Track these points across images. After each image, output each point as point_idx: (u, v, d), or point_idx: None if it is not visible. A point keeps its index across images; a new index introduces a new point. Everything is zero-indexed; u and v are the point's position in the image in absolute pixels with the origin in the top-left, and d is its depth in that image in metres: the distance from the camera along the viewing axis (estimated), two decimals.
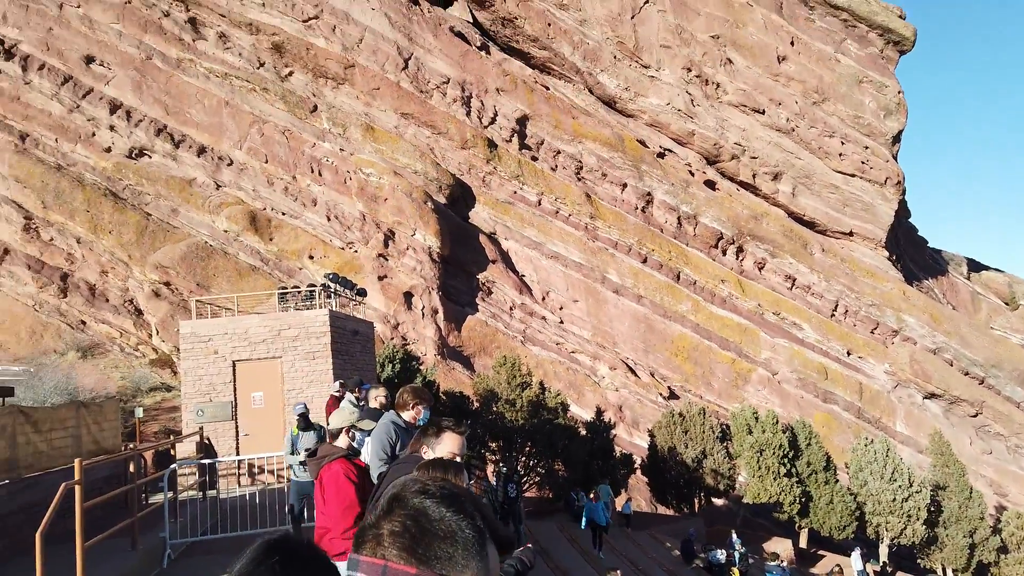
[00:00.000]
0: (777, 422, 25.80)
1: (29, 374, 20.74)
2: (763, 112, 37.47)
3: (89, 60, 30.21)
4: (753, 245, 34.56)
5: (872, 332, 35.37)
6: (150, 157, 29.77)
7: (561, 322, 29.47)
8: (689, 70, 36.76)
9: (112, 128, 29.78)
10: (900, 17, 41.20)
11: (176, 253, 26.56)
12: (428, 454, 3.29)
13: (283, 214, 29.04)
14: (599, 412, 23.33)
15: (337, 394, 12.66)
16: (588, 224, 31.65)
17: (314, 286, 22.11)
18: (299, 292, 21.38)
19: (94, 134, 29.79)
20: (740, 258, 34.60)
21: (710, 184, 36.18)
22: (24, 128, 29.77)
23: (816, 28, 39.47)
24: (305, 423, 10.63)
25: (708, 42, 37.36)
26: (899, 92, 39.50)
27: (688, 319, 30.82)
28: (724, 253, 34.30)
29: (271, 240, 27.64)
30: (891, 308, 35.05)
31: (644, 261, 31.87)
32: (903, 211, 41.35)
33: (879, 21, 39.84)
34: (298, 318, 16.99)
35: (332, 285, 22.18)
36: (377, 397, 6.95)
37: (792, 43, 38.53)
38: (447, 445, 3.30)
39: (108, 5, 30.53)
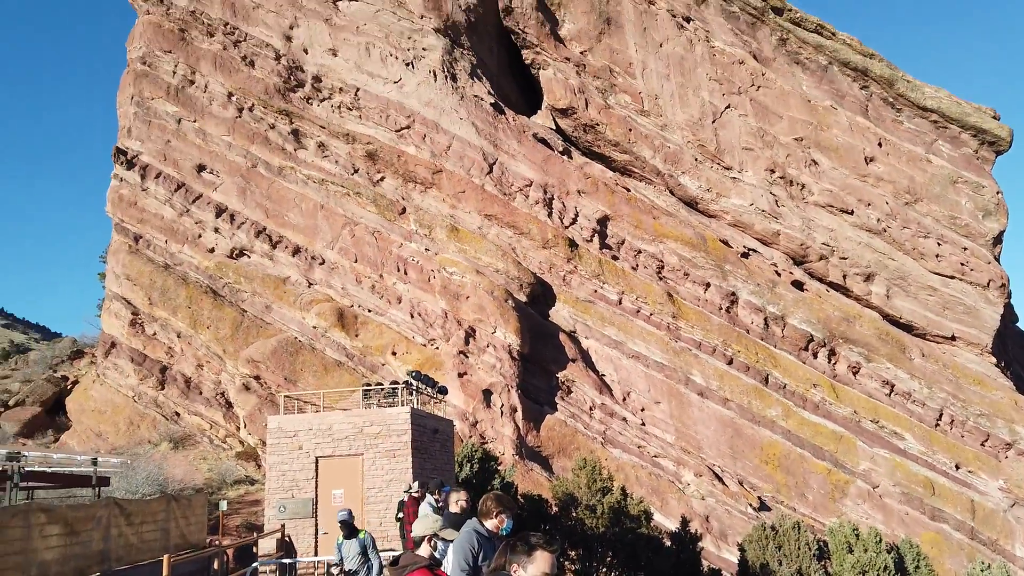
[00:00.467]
0: (880, 540, 23.79)
1: (126, 466, 21.52)
2: (852, 212, 36.68)
3: (200, 168, 32.72)
4: (846, 348, 33.07)
5: (982, 444, 32.72)
6: (249, 257, 31.53)
7: (643, 424, 28.62)
8: (772, 171, 36.65)
9: (216, 230, 31.85)
10: (994, 118, 40.17)
11: (267, 348, 27.59)
12: (520, 574, 3.14)
13: (369, 311, 29.93)
14: (684, 522, 22.16)
15: (416, 495, 12.50)
16: (670, 324, 31.16)
17: (397, 383, 22.35)
18: (382, 389, 21.64)
19: (200, 236, 31.92)
20: (832, 362, 33.10)
21: (797, 285, 35.23)
22: (138, 230, 32.23)
23: (904, 129, 38.89)
24: (348, 530, 10.30)
25: (792, 144, 37.32)
26: (997, 193, 38.05)
27: (778, 424, 29.38)
28: (815, 356, 32.92)
29: (356, 336, 28.41)
30: (1002, 419, 32.47)
31: (730, 363, 30.91)
32: (1010, 315, 38.95)
33: (971, 122, 38.93)
34: (380, 415, 17.13)
35: (414, 382, 22.36)
36: (458, 501, 6.81)
37: (880, 144, 38.01)
38: (540, 565, 3.16)
39: (221, 120, 33.24)
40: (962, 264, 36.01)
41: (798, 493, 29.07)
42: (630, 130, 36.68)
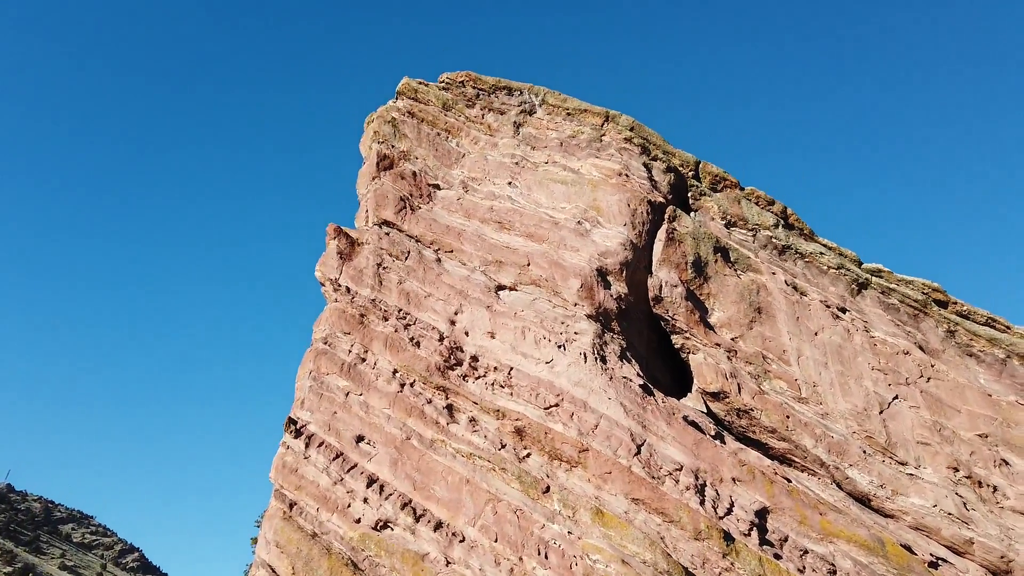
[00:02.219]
0: None
1: None
2: None
3: (359, 439, 34.41)
4: None
5: None
6: (392, 529, 31.43)
7: None
8: (956, 470, 33.05)
9: (365, 500, 32.44)
10: None
11: None
12: None
13: None
14: None
15: None
16: None
17: None
18: None
19: (349, 505, 32.56)
20: None
21: None
22: (295, 497, 33.47)
23: None
24: None
25: (975, 440, 33.98)
26: None
27: None
28: None
29: None
30: None
31: None
32: None
33: None
34: None
35: None
36: None
37: None
38: None
39: (383, 394, 35.57)
40: None
41: None
42: (787, 416, 35.12)
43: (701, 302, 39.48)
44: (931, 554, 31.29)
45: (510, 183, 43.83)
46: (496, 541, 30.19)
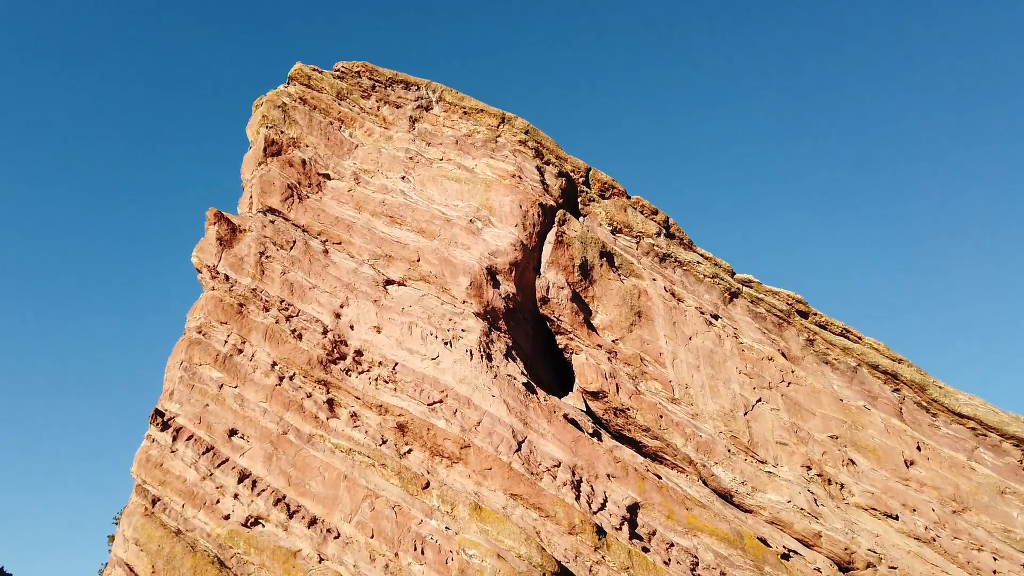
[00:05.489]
0: None
1: None
2: (896, 518, 34.75)
3: (232, 433, 33.05)
4: None
5: None
6: (263, 526, 30.38)
7: None
8: (809, 468, 35.61)
9: (236, 496, 31.19)
10: None
11: None
12: None
13: None
14: None
15: None
16: None
17: None
18: None
19: (218, 501, 31.20)
20: None
21: None
22: (158, 492, 31.70)
23: (942, 434, 38.26)
24: None
25: (827, 442, 36.72)
26: None
27: None
28: None
29: None
30: None
31: None
32: None
33: (1011, 431, 38.24)
34: None
35: None
36: None
37: (919, 448, 37.19)
38: None
39: (261, 387, 34.33)
40: None
41: None
42: (661, 416, 36.71)
43: (586, 304, 40.65)
44: (784, 546, 33.56)
45: (403, 178, 43.46)
46: (372, 537, 29.81)
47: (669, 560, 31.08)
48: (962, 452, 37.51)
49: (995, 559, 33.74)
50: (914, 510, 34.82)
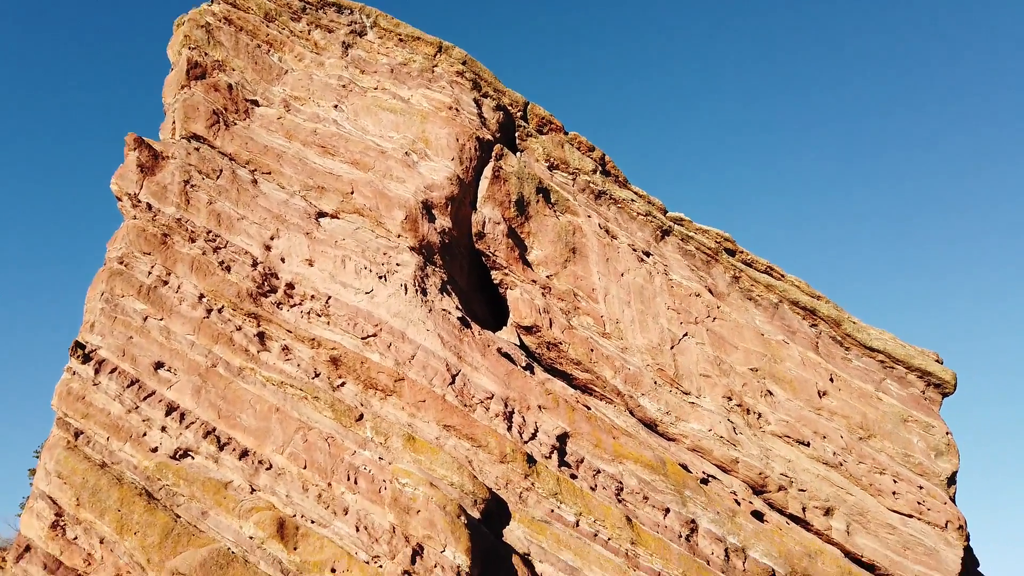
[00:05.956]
0: None
1: None
2: (808, 444, 36.95)
3: (158, 366, 32.40)
4: None
5: None
6: (193, 458, 30.21)
7: None
8: (730, 399, 37.33)
9: (164, 428, 30.81)
10: (937, 361, 42.11)
11: (196, 559, 25.48)
12: None
13: (312, 522, 28.21)
14: None
15: None
16: (629, 550, 29.71)
17: None
18: None
19: (145, 434, 30.77)
20: None
21: (757, 515, 34.38)
22: (81, 426, 31.02)
23: (854, 367, 40.51)
24: None
25: (747, 374, 38.45)
26: (947, 433, 38.85)
27: None
28: None
29: (295, 549, 26.49)
30: None
31: None
32: (971, 560, 37.90)
33: (916, 364, 40.73)
34: None
35: None
36: None
37: (831, 379, 39.33)
38: None
39: (187, 319, 33.57)
40: (919, 503, 35.72)
41: None
42: (592, 350, 37.68)
43: (521, 240, 40.83)
44: (704, 472, 35.42)
45: (336, 106, 42.10)
46: (305, 468, 30.04)
47: (595, 486, 32.44)
48: (871, 383, 39.93)
49: (895, 481, 36.44)
50: (824, 437, 37.10)
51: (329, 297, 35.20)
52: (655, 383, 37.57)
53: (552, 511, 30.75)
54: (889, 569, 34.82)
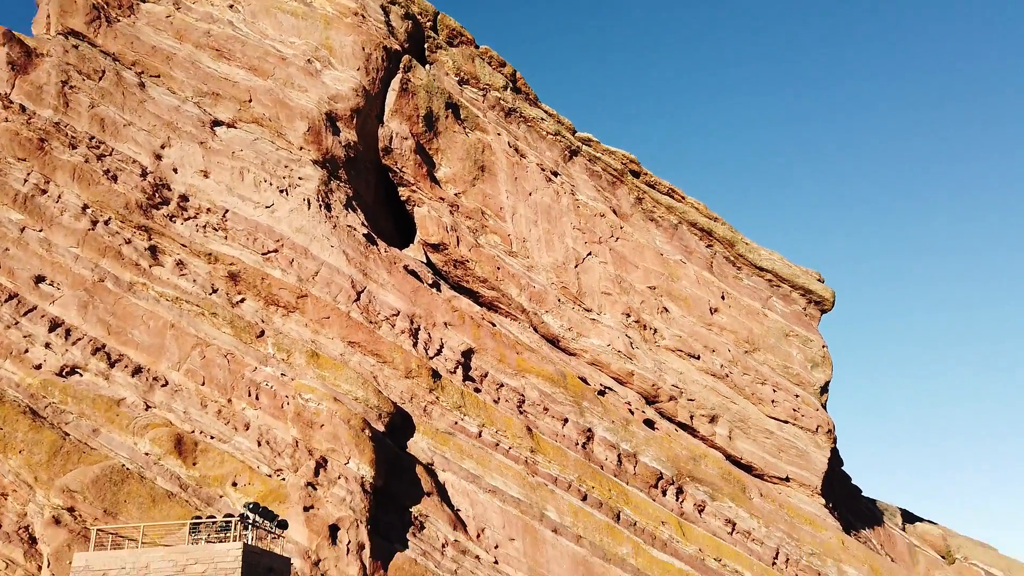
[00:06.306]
0: None
1: None
2: (698, 357, 39.14)
3: (39, 280, 30.60)
4: (693, 487, 34.13)
5: None
6: (81, 375, 29.12)
7: (496, 562, 27.71)
8: (628, 315, 38.84)
9: (48, 345, 29.40)
10: (819, 280, 44.95)
11: (87, 476, 24.97)
12: None
13: (212, 438, 28.02)
14: None
15: None
16: (528, 458, 31.14)
17: (231, 516, 20.78)
18: (214, 522, 20.02)
19: (27, 351, 29.31)
20: (680, 499, 33.96)
21: (649, 423, 36.57)
22: None
23: (744, 285, 42.77)
24: None
25: (646, 292, 39.98)
26: (823, 347, 41.97)
27: (628, 563, 29.32)
28: (664, 494, 33.71)
29: (194, 464, 26.35)
30: (831, 558, 34.02)
31: (584, 499, 30.99)
32: (836, 459, 41.86)
33: (800, 283, 43.36)
34: (207, 552, 15.81)
35: (251, 516, 20.87)
36: None
37: (723, 297, 41.46)
38: None
39: (71, 231, 31.66)
40: (794, 410, 38.82)
41: None
42: (498, 268, 38.12)
43: (430, 157, 40.19)
44: (601, 384, 37.12)
45: (231, 6, 39.40)
46: (204, 384, 29.56)
47: (499, 399, 33.50)
48: (758, 300, 42.39)
49: (774, 391, 39.34)
50: (713, 351, 39.36)
51: (227, 211, 33.86)
52: (559, 300, 38.58)
53: (456, 423, 31.66)
54: (764, 469, 38.04)
